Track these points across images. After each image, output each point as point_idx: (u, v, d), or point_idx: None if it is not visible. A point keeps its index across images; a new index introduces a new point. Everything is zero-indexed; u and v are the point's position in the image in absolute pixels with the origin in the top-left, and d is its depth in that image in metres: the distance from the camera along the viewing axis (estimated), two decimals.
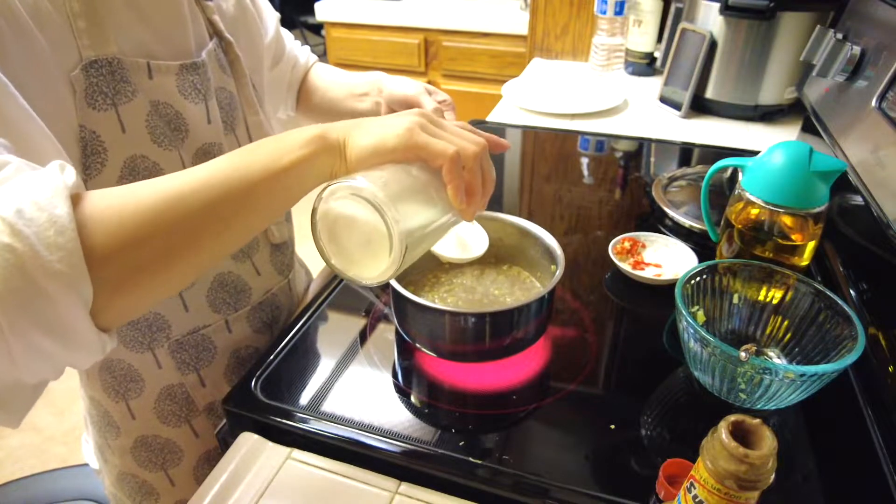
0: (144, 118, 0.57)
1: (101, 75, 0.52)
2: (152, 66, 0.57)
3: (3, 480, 1.24)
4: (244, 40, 0.72)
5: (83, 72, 0.51)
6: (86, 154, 0.53)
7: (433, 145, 0.45)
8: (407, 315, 0.65)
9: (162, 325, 0.65)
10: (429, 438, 0.57)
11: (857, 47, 0.82)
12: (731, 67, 1.27)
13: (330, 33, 2.34)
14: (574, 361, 0.67)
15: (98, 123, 0.53)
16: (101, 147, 0.54)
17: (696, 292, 0.63)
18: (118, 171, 0.55)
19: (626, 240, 0.82)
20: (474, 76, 2.21)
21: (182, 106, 0.60)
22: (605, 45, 1.59)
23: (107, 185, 0.51)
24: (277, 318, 0.78)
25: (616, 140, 1.25)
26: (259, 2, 0.80)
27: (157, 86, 0.58)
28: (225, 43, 0.67)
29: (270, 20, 0.83)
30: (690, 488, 0.39)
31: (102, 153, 0.54)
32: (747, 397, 0.56)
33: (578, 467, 0.54)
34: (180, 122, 0.60)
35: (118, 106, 0.54)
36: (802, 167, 0.63)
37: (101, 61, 0.52)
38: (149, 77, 0.57)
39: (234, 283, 0.70)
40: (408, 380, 0.64)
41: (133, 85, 0.55)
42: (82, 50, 0.51)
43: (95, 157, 0.54)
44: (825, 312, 0.59)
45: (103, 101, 0.53)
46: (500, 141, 0.54)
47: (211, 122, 0.63)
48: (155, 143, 0.58)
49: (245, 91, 0.70)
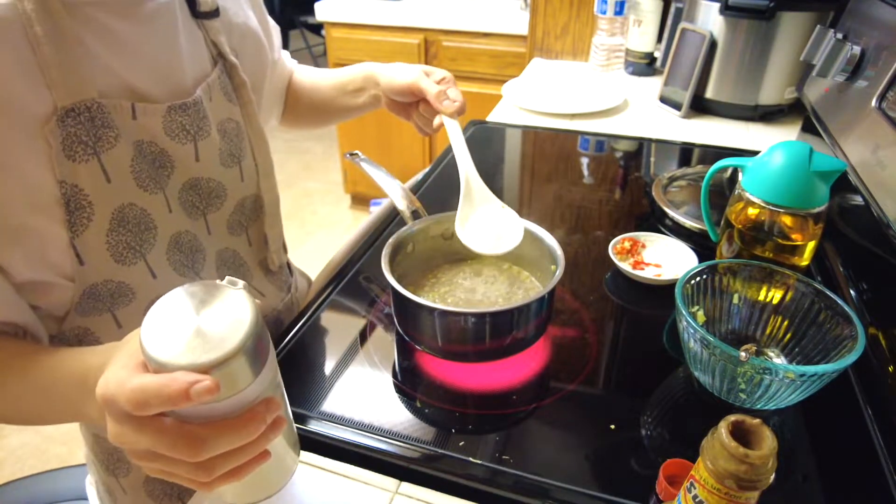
0: (129, 163, 0.53)
1: (78, 123, 0.49)
2: (137, 108, 0.53)
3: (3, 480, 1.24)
4: (249, 58, 0.70)
5: (59, 123, 0.48)
6: (70, 211, 0.50)
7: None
8: (407, 315, 0.65)
9: None
10: (429, 438, 0.57)
11: (857, 47, 0.82)
12: (731, 67, 1.27)
13: (330, 33, 2.34)
14: (574, 361, 0.67)
15: (79, 176, 0.50)
16: (85, 201, 0.50)
17: (696, 292, 0.63)
18: (106, 225, 0.52)
19: (626, 240, 0.82)
20: (474, 76, 2.21)
21: (167, 144, 0.57)
22: (605, 45, 1.59)
23: (96, 243, 0.52)
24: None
25: (616, 140, 1.25)
26: (266, 15, 0.78)
27: (141, 126, 0.54)
28: (229, 66, 0.64)
29: (276, 35, 0.81)
30: (690, 488, 0.39)
31: (88, 208, 0.51)
32: (747, 397, 0.56)
33: (578, 467, 0.54)
34: (165, 159, 0.57)
35: (100, 154, 0.51)
36: (802, 167, 0.62)
37: (79, 108, 0.49)
38: (132, 118, 0.53)
39: None
40: (408, 380, 0.64)
41: (116, 129, 0.52)
42: (57, 100, 0.47)
43: (80, 213, 0.50)
44: (825, 312, 0.59)
45: (83, 152, 0.49)
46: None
47: (200, 161, 0.60)
48: (141, 188, 0.55)
49: (252, 119, 0.67)
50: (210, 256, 0.65)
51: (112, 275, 0.54)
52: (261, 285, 0.73)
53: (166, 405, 0.35)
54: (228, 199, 0.66)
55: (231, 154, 0.65)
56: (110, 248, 0.53)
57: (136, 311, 0.58)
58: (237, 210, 0.68)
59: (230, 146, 0.64)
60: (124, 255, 0.54)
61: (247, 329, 0.37)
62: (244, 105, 0.67)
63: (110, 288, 0.55)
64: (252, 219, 0.71)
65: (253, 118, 0.67)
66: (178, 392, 0.34)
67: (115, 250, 0.53)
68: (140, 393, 0.35)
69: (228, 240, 0.68)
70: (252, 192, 0.69)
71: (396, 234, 0.69)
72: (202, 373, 0.35)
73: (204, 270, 0.64)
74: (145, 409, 0.35)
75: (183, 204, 0.60)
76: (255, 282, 0.72)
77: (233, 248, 0.69)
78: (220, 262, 0.67)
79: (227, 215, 0.67)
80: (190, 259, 0.62)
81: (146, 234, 0.56)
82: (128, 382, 0.36)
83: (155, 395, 0.35)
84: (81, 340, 0.58)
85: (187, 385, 0.34)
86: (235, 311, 0.37)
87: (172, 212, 0.59)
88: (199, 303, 0.38)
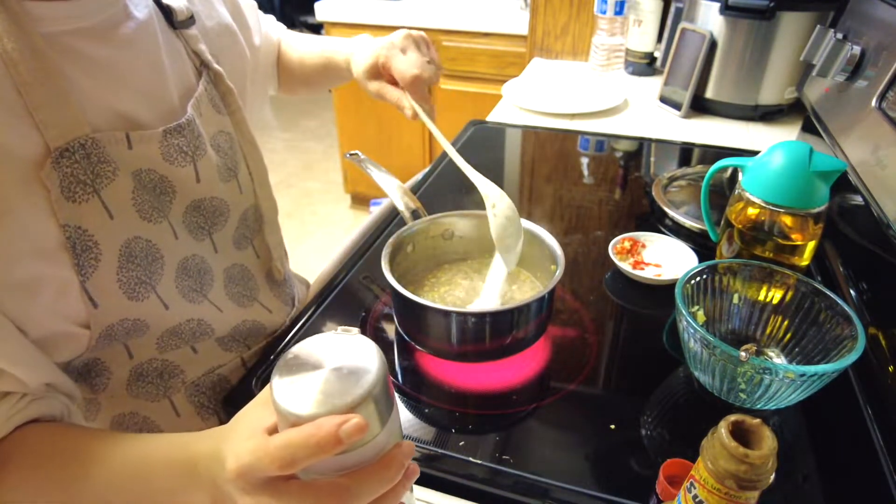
0: (130, 196, 0.51)
1: (75, 163, 0.47)
2: (132, 137, 0.51)
3: None
4: (228, 57, 0.69)
5: (54, 165, 0.45)
6: (76, 254, 0.48)
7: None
8: (407, 315, 0.65)
9: (174, 371, 0.62)
10: (429, 438, 0.57)
11: (857, 47, 0.82)
12: (731, 67, 1.27)
13: (330, 33, 2.34)
14: (574, 361, 0.67)
15: (82, 217, 0.48)
16: (91, 242, 0.48)
17: (696, 292, 0.63)
18: (115, 263, 0.50)
19: (626, 240, 0.82)
20: (474, 76, 2.21)
21: (166, 170, 0.55)
22: (605, 45, 1.59)
23: (107, 283, 0.50)
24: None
25: (616, 140, 1.25)
26: (240, 4, 0.76)
27: (138, 155, 0.52)
28: (214, 75, 0.63)
29: (251, 15, 0.79)
30: (690, 488, 0.39)
31: (94, 248, 0.49)
32: (747, 397, 0.56)
33: (578, 467, 0.54)
34: (166, 185, 0.55)
35: (100, 191, 0.49)
36: (802, 167, 0.62)
37: (74, 146, 0.46)
38: (128, 148, 0.51)
39: (250, 329, 0.68)
40: (408, 380, 0.64)
41: (113, 163, 0.50)
42: (50, 142, 0.45)
43: (88, 255, 0.48)
44: (825, 312, 0.59)
45: (83, 191, 0.47)
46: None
47: (201, 181, 0.59)
48: (144, 220, 0.53)
49: (242, 126, 0.66)
50: (217, 275, 0.64)
51: (127, 313, 0.53)
52: (267, 300, 0.72)
53: (316, 454, 0.33)
54: (231, 215, 0.65)
55: (228, 168, 0.63)
56: (122, 285, 0.51)
57: (149, 341, 0.57)
58: (241, 224, 0.67)
59: (226, 160, 0.63)
60: (136, 291, 0.53)
61: (376, 371, 0.36)
62: (233, 113, 0.65)
63: (126, 326, 0.53)
64: (255, 230, 0.70)
65: (243, 125, 0.66)
66: (328, 436, 0.33)
67: (126, 287, 0.52)
68: (286, 449, 0.34)
69: (236, 255, 0.67)
70: (252, 203, 0.68)
71: (396, 234, 0.69)
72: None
73: (212, 291, 0.62)
74: (293, 464, 0.34)
75: (188, 227, 0.59)
76: (262, 296, 0.71)
77: (240, 263, 0.68)
78: (227, 280, 0.65)
79: (232, 231, 0.65)
80: (198, 283, 0.60)
81: (154, 265, 0.54)
82: (267, 445, 0.35)
83: (302, 446, 0.33)
84: (90, 369, 0.57)
85: (336, 427, 0.33)
86: (361, 357, 0.37)
87: (179, 238, 0.57)
88: (323, 354, 0.37)
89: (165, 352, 0.60)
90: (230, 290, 0.66)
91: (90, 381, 0.58)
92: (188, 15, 0.61)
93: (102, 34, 0.51)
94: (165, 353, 0.60)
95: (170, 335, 0.58)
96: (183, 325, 0.59)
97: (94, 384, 0.58)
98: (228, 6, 0.73)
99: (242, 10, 0.77)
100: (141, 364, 0.59)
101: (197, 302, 0.60)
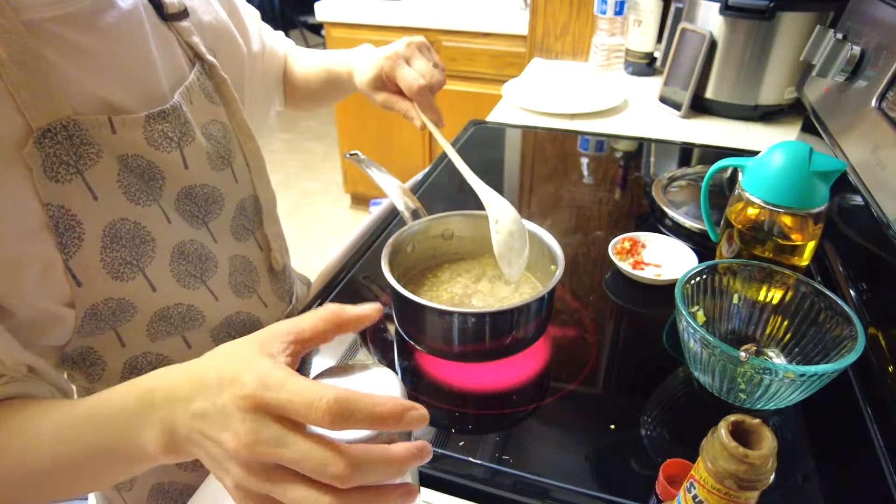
0: (115, 178, 0.52)
1: (57, 143, 0.47)
2: (115, 122, 0.52)
3: None
4: (226, 56, 0.69)
5: (36, 145, 0.46)
6: (59, 233, 0.48)
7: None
8: (407, 315, 0.65)
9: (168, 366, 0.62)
10: (429, 438, 0.57)
11: (857, 47, 0.82)
12: (731, 67, 1.27)
13: (330, 33, 2.34)
14: (574, 361, 0.67)
15: (65, 196, 0.48)
16: (73, 221, 0.49)
17: (696, 292, 0.63)
18: (99, 243, 0.51)
19: (625, 240, 0.82)
20: (474, 76, 2.21)
21: (152, 155, 0.56)
22: (605, 45, 1.59)
23: (91, 262, 0.51)
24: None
25: (616, 140, 1.25)
26: (237, 5, 0.76)
27: (122, 140, 0.53)
28: (208, 66, 0.63)
29: (252, 23, 0.79)
30: (690, 488, 0.39)
31: (77, 227, 0.49)
32: (747, 397, 0.56)
33: (578, 467, 0.54)
34: (154, 171, 0.56)
35: (83, 172, 0.49)
36: (802, 167, 0.63)
37: (56, 127, 0.47)
38: (112, 132, 0.52)
39: (244, 321, 0.68)
40: (408, 380, 0.64)
41: (97, 145, 0.50)
42: (31, 122, 0.46)
43: (70, 234, 0.49)
44: (825, 312, 0.59)
45: (66, 171, 0.48)
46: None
47: (189, 168, 0.59)
48: (132, 202, 0.53)
49: (237, 117, 0.66)
50: (222, 264, 0.64)
51: (111, 292, 0.53)
52: (266, 293, 0.72)
53: (371, 422, 0.32)
54: (227, 204, 0.65)
55: (220, 156, 0.63)
56: (106, 265, 0.52)
57: (139, 328, 0.57)
58: (238, 214, 0.67)
59: (218, 148, 0.63)
60: (121, 271, 0.54)
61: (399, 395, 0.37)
62: (227, 104, 0.65)
63: (111, 306, 0.54)
64: (256, 222, 0.70)
65: (238, 116, 0.66)
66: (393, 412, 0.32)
67: (111, 267, 0.53)
68: (345, 402, 0.32)
69: (237, 247, 0.67)
70: (249, 193, 0.69)
71: (396, 234, 0.69)
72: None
73: (214, 278, 0.63)
74: (345, 421, 0.32)
75: (182, 213, 0.59)
76: (262, 289, 0.71)
77: (242, 255, 0.68)
78: (232, 269, 0.66)
79: (229, 220, 0.66)
80: (199, 268, 0.61)
81: (143, 247, 0.55)
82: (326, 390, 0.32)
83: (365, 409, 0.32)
84: (85, 358, 0.57)
85: (403, 408, 0.32)
86: (382, 385, 0.38)
87: (172, 223, 0.58)
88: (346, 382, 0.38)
89: (157, 340, 0.60)
90: (234, 279, 0.66)
91: (85, 370, 0.58)
92: (181, 8, 0.62)
93: (84, 21, 0.51)
94: (157, 344, 0.60)
95: (159, 320, 0.59)
96: (171, 310, 0.59)
97: (89, 373, 0.58)
98: (225, 6, 0.73)
99: (241, 16, 0.77)
100: (135, 357, 0.59)
101: (192, 287, 0.60)
